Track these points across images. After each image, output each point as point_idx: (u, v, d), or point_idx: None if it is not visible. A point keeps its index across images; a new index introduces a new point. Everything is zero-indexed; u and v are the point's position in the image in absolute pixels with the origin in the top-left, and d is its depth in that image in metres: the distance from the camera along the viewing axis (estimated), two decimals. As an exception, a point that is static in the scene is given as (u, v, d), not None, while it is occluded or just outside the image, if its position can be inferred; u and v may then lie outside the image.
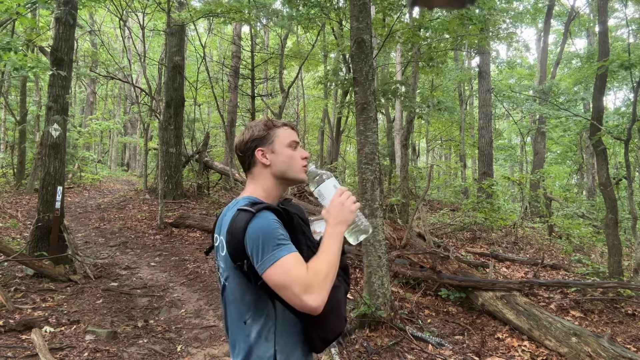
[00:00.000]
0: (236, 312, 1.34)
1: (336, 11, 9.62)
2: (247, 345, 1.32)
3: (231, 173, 12.64)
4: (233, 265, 1.30)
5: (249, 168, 1.44)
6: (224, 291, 1.37)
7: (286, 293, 1.21)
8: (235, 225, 1.28)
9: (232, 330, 1.37)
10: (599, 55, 6.48)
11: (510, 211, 12.02)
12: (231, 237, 1.28)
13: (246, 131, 1.45)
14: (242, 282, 1.31)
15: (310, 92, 21.26)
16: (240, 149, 1.43)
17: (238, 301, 1.32)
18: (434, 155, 29.58)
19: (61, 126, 5.91)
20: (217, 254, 1.40)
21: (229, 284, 1.34)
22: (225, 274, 1.34)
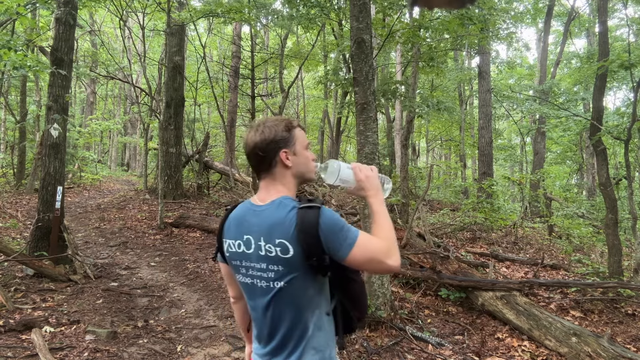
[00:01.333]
0: (294, 311, 1.37)
1: (336, 11, 9.62)
2: (304, 339, 1.37)
3: (231, 173, 12.64)
4: (304, 263, 1.32)
5: (268, 169, 1.43)
6: (277, 296, 1.36)
7: (372, 264, 1.32)
8: (306, 223, 1.30)
9: (283, 331, 1.38)
10: (599, 55, 6.48)
11: (510, 211, 12.02)
12: (304, 235, 1.30)
13: (266, 130, 1.41)
14: (307, 279, 1.35)
15: (310, 92, 21.27)
16: (262, 149, 1.40)
17: (299, 298, 1.36)
18: (434, 155, 29.58)
19: (61, 126, 5.90)
20: (256, 259, 1.37)
21: (289, 284, 1.35)
22: (289, 276, 1.34)
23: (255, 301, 1.42)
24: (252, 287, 1.40)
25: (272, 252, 1.34)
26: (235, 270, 1.45)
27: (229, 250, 1.44)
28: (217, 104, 13.19)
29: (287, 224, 1.33)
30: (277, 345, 1.40)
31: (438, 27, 7.41)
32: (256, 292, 1.40)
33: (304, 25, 9.91)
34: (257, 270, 1.38)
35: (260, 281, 1.38)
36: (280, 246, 1.33)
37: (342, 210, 8.56)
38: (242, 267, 1.41)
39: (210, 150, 16.97)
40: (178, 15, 10.35)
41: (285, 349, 1.38)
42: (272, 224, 1.35)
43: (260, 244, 1.36)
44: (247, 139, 1.44)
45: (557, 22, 20.20)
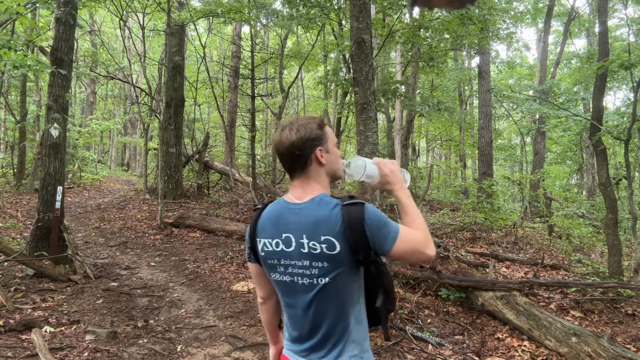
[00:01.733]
0: (337, 306, 1.40)
1: (336, 11, 9.62)
2: (347, 333, 1.41)
3: (231, 173, 12.64)
4: (350, 259, 1.36)
5: (303, 167, 1.44)
6: (321, 291, 1.38)
7: (415, 255, 1.38)
8: (353, 219, 1.33)
9: (326, 327, 1.40)
10: (599, 55, 6.48)
11: (510, 211, 12.02)
12: (352, 231, 1.33)
13: (301, 129, 1.42)
14: (352, 274, 1.39)
15: (310, 92, 21.27)
16: (299, 147, 1.41)
17: (343, 294, 1.39)
18: (434, 155, 29.58)
19: (61, 125, 5.90)
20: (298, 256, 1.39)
21: (333, 280, 1.37)
22: (333, 273, 1.36)
23: (295, 299, 1.43)
24: (291, 285, 1.41)
25: (317, 249, 1.35)
26: (270, 269, 1.45)
27: (264, 249, 1.44)
28: (217, 104, 13.20)
29: (332, 220, 1.35)
30: (319, 341, 1.41)
31: (438, 27, 7.41)
32: (297, 290, 1.41)
33: (304, 25, 9.91)
34: (298, 268, 1.39)
35: (302, 278, 1.39)
36: (326, 243, 1.34)
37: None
38: (280, 266, 1.42)
39: (210, 150, 16.96)
40: (178, 15, 10.35)
41: (327, 344, 1.40)
42: (316, 221, 1.36)
43: (302, 242, 1.37)
44: (281, 138, 1.43)
45: (557, 22, 20.21)
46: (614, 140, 9.09)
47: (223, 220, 8.64)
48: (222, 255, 6.88)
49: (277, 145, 1.45)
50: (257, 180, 11.05)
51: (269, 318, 1.64)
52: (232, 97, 14.65)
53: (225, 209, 10.44)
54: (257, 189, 10.46)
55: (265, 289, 1.58)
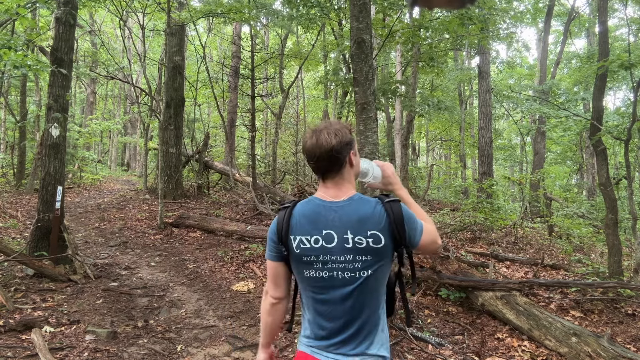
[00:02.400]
0: (374, 297, 1.49)
1: (336, 11, 9.62)
2: (379, 324, 1.51)
3: (231, 173, 12.64)
4: (392, 252, 1.48)
5: (339, 169, 1.52)
6: (362, 284, 1.45)
7: (433, 246, 1.56)
8: (396, 216, 1.46)
9: (364, 318, 1.47)
10: (599, 55, 6.48)
11: (510, 211, 12.02)
12: (395, 225, 1.45)
13: (339, 133, 1.50)
14: (389, 266, 1.50)
15: (310, 92, 21.27)
16: (338, 150, 1.48)
17: (380, 285, 1.50)
18: (434, 155, 29.58)
19: (61, 125, 5.90)
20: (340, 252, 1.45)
21: (375, 272, 1.46)
22: (376, 265, 1.45)
23: (330, 294, 1.47)
24: (329, 280, 1.46)
25: (363, 243, 1.44)
26: (305, 265, 1.48)
27: (300, 246, 1.47)
28: (217, 104, 13.20)
29: (377, 216, 1.45)
30: (352, 333, 1.46)
31: (438, 27, 7.41)
32: (335, 285, 1.46)
33: (304, 25, 9.91)
34: (339, 263, 1.45)
35: (342, 273, 1.45)
36: (373, 237, 1.44)
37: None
38: (318, 262, 1.46)
39: (210, 150, 16.96)
40: (178, 15, 10.35)
41: (360, 335, 1.47)
42: (361, 218, 1.45)
43: (346, 237, 1.44)
44: (320, 142, 1.48)
45: (557, 22, 20.21)
46: (614, 140, 9.08)
47: (223, 220, 8.64)
48: (222, 255, 6.88)
49: (314, 148, 1.49)
50: (257, 180, 11.05)
51: (278, 320, 1.63)
52: (232, 97, 14.65)
53: (225, 209, 10.44)
54: (257, 189, 10.46)
55: (282, 290, 1.58)
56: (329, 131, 1.49)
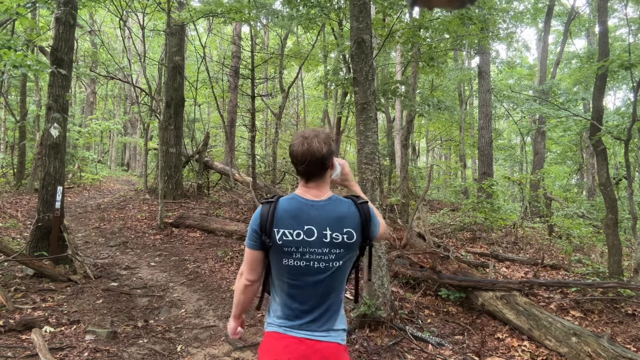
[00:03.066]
0: (340, 283, 1.73)
1: (336, 11, 9.61)
2: (340, 306, 1.76)
3: (231, 173, 12.64)
4: (359, 245, 1.72)
5: (323, 173, 1.74)
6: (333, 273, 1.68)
7: (385, 235, 1.88)
8: (366, 216, 1.71)
9: (328, 300, 1.71)
10: (599, 55, 6.48)
11: (510, 211, 12.02)
12: (366, 223, 1.70)
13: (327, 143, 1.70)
14: (355, 257, 1.75)
15: (310, 92, 21.27)
16: (327, 158, 1.70)
17: (345, 273, 1.74)
18: (434, 155, 29.58)
19: (61, 125, 5.90)
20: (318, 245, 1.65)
21: (344, 263, 1.70)
22: (346, 257, 1.69)
23: (304, 280, 1.67)
24: (305, 268, 1.66)
25: (339, 238, 1.66)
26: (285, 255, 1.66)
27: (282, 238, 1.65)
28: (217, 104, 13.19)
29: (352, 216, 1.69)
30: (320, 313, 1.69)
31: (438, 27, 7.41)
32: (310, 272, 1.66)
33: (304, 25, 9.90)
34: (317, 254, 1.65)
35: (318, 263, 1.66)
36: (347, 234, 1.67)
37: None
38: (297, 253, 1.65)
39: (210, 150, 16.96)
40: (178, 15, 10.34)
41: (326, 315, 1.70)
42: (340, 217, 1.68)
43: (325, 233, 1.65)
44: (312, 150, 1.67)
45: (557, 22, 20.20)
46: (614, 140, 9.08)
47: (223, 220, 8.64)
48: (222, 255, 6.88)
49: (305, 154, 1.67)
50: (257, 180, 11.05)
51: (250, 298, 1.85)
52: (232, 97, 14.65)
53: (225, 209, 10.44)
54: (257, 189, 10.46)
55: (256, 274, 1.77)
56: (319, 140, 1.68)
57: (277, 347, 1.68)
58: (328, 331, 1.70)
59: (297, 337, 1.67)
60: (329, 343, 1.68)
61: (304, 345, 1.66)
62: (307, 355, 1.65)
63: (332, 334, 1.70)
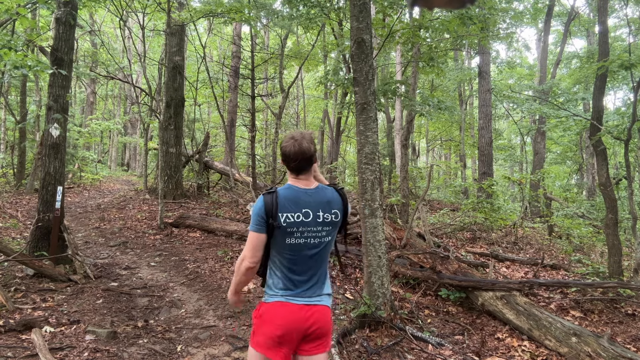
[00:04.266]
0: (327, 255, 2.12)
1: (336, 11, 9.61)
2: (327, 272, 2.16)
3: (231, 173, 12.64)
4: (342, 223, 2.12)
5: (310, 168, 2.07)
6: (324, 246, 2.07)
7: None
8: (344, 199, 2.12)
9: (322, 269, 2.10)
10: (599, 55, 6.48)
11: (510, 211, 12.01)
12: (346, 206, 2.11)
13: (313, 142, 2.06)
14: (336, 233, 2.14)
15: (310, 92, 21.27)
16: (314, 155, 2.06)
17: (330, 247, 2.12)
18: (434, 155, 29.59)
19: (61, 125, 5.90)
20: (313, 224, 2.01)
21: (332, 238, 2.10)
22: (333, 234, 2.09)
23: (301, 254, 2.02)
24: (304, 244, 2.01)
25: (329, 218, 2.04)
26: (288, 235, 1.98)
27: (287, 220, 1.98)
28: (217, 104, 13.19)
29: (336, 200, 2.09)
30: (316, 280, 2.07)
31: (438, 27, 7.40)
32: (307, 247, 2.02)
33: (304, 25, 9.90)
34: (312, 232, 2.01)
35: (313, 239, 2.02)
36: (334, 214, 2.06)
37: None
38: (297, 232, 1.99)
39: (210, 150, 16.96)
40: (178, 15, 10.34)
41: (320, 281, 2.08)
42: (329, 200, 2.06)
43: (318, 214, 2.02)
44: (303, 149, 2.01)
45: (557, 22, 20.19)
46: (614, 140, 9.08)
47: (223, 220, 8.64)
48: (222, 255, 6.88)
49: (297, 153, 2.01)
50: (257, 180, 11.05)
51: (250, 279, 2.15)
52: (232, 97, 14.65)
53: (225, 209, 10.44)
54: (257, 189, 10.46)
55: (258, 257, 2.04)
56: (307, 141, 2.02)
57: (282, 312, 2.00)
58: (320, 296, 2.07)
59: (297, 304, 2.01)
60: (321, 306, 2.06)
61: (303, 310, 2.01)
62: (306, 317, 2.01)
63: (323, 298, 2.09)
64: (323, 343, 2.08)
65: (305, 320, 2.00)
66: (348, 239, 7.22)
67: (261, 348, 2.00)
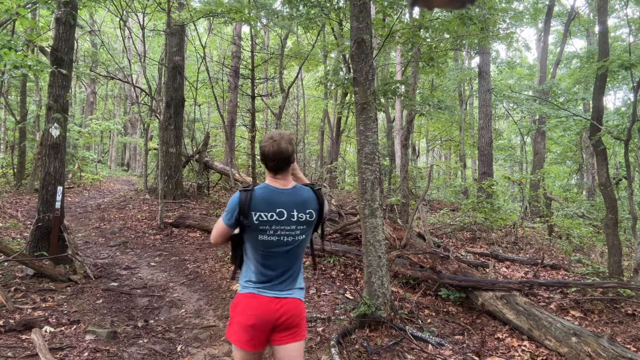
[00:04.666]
0: (301, 252, 2.19)
1: (336, 11, 9.61)
2: (301, 269, 2.23)
3: (231, 173, 12.63)
4: (316, 223, 2.18)
5: (287, 168, 2.12)
6: (298, 244, 2.13)
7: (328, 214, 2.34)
8: (320, 199, 2.17)
9: (296, 266, 2.17)
10: (599, 55, 6.47)
11: (510, 211, 12.01)
12: (321, 206, 2.17)
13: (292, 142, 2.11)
14: (312, 231, 2.21)
15: (310, 92, 21.26)
16: (291, 155, 2.11)
17: (305, 245, 2.19)
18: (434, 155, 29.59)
19: (61, 125, 5.90)
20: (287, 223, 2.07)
21: (306, 236, 2.15)
22: (307, 232, 2.15)
23: (274, 251, 2.09)
24: (277, 242, 2.08)
25: (303, 217, 2.10)
26: (260, 232, 2.06)
27: (259, 219, 2.05)
28: (217, 104, 13.18)
29: (311, 200, 2.15)
30: (288, 276, 2.14)
31: (438, 27, 7.40)
32: (280, 245, 2.09)
33: (304, 25, 9.89)
34: (286, 230, 2.08)
35: (287, 237, 2.09)
36: (309, 214, 2.12)
37: (342, 209, 8.57)
38: (271, 230, 2.06)
39: (210, 150, 16.95)
40: (178, 15, 10.34)
41: (292, 277, 2.15)
42: (304, 201, 2.12)
43: (292, 214, 2.08)
44: (281, 149, 2.06)
45: (557, 22, 20.19)
46: (614, 140, 9.08)
47: (223, 220, 8.62)
48: (222, 255, 6.88)
49: (276, 153, 2.06)
50: (257, 180, 11.05)
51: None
52: (232, 97, 14.64)
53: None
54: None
55: (220, 242, 2.22)
56: (285, 141, 2.08)
57: (253, 304, 2.09)
58: (291, 290, 2.15)
59: (267, 296, 2.09)
60: (292, 299, 2.14)
61: (274, 302, 2.09)
62: (276, 309, 2.09)
63: (295, 292, 2.16)
64: (295, 332, 2.14)
65: (274, 312, 2.08)
66: (348, 239, 7.22)
67: (234, 337, 2.12)
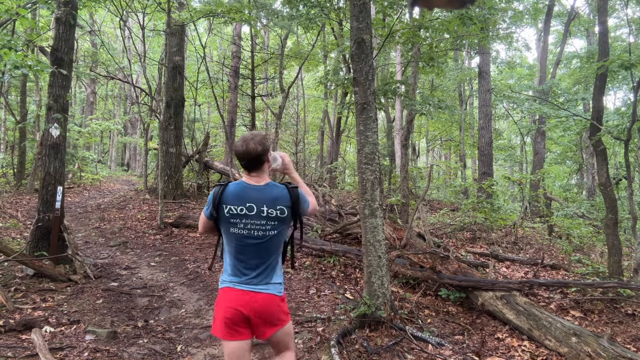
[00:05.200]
0: (276, 248, 2.26)
1: (336, 11, 9.61)
2: (277, 264, 2.28)
3: (231, 173, 12.63)
4: (290, 220, 2.26)
5: (260, 166, 2.26)
6: (270, 239, 2.20)
7: (315, 211, 2.40)
8: (294, 197, 2.24)
9: (269, 261, 2.23)
10: (599, 55, 6.47)
11: (510, 211, 12.01)
12: (294, 203, 2.24)
13: (262, 143, 2.23)
14: (286, 229, 2.29)
15: (310, 92, 21.27)
16: (262, 155, 2.23)
17: (280, 240, 2.26)
18: (434, 155, 29.59)
19: (61, 125, 5.90)
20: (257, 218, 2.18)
21: (279, 232, 2.23)
22: (279, 228, 2.22)
23: (245, 243, 2.19)
24: (247, 235, 2.18)
25: (273, 214, 2.19)
26: (231, 225, 2.19)
27: (229, 212, 2.18)
28: (217, 104, 13.18)
29: (284, 197, 2.23)
30: (262, 270, 2.21)
31: (438, 27, 7.40)
32: (250, 238, 2.18)
33: (304, 25, 9.89)
34: (255, 225, 2.18)
35: (257, 231, 2.18)
36: (280, 210, 2.21)
37: (342, 210, 8.57)
38: (240, 223, 2.17)
39: (210, 150, 16.96)
40: (178, 15, 10.34)
41: (266, 271, 2.22)
42: (274, 197, 2.21)
43: (262, 209, 2.18)
44: (249, 149, 2.20)
45: (557, 22, 20.20)
46: (614, 140, 9.08)
47: (223, 220, 8.63)
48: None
49: (245, 153, 2.21)
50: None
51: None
52: (232, 97, 14.65)
53: (225, 209, 10.43)
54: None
55: (204, 233, 2.41)
56: (255, 142, 2.20)
57: (228, 298, 2.18)
58: (267, 284, 2.20)
59: (242, 290, 2.17)
60: (266, 294, 2.19)
61: (248, 296, 2.16)
62: (249, 303, 2.15)
63: (270, 287, 2.21)
64: (276, 324, 2.22)
65: (246, 304, 2.15)
66: (348, 239, 7.22)
67: (215, 329, 2.20)
